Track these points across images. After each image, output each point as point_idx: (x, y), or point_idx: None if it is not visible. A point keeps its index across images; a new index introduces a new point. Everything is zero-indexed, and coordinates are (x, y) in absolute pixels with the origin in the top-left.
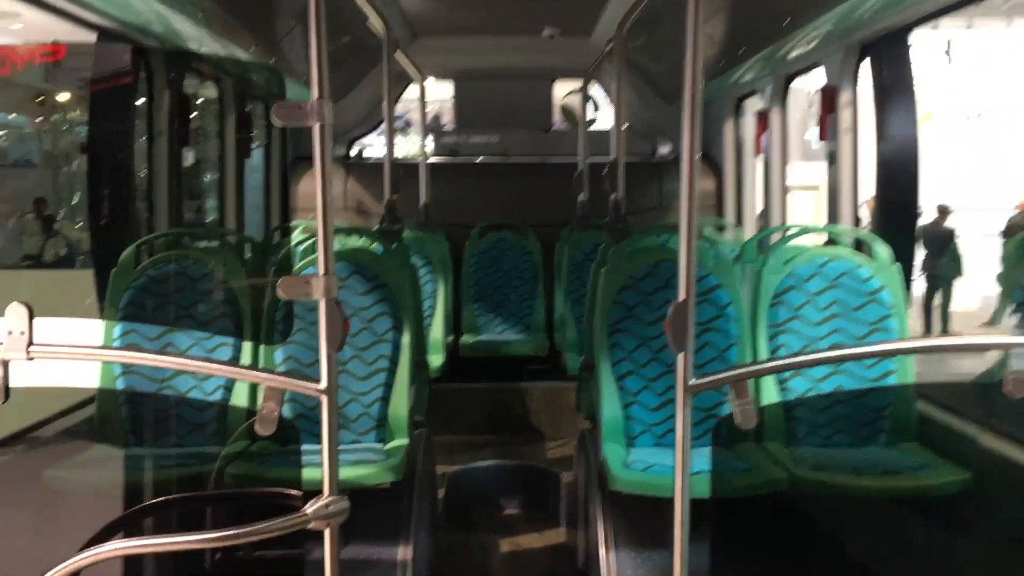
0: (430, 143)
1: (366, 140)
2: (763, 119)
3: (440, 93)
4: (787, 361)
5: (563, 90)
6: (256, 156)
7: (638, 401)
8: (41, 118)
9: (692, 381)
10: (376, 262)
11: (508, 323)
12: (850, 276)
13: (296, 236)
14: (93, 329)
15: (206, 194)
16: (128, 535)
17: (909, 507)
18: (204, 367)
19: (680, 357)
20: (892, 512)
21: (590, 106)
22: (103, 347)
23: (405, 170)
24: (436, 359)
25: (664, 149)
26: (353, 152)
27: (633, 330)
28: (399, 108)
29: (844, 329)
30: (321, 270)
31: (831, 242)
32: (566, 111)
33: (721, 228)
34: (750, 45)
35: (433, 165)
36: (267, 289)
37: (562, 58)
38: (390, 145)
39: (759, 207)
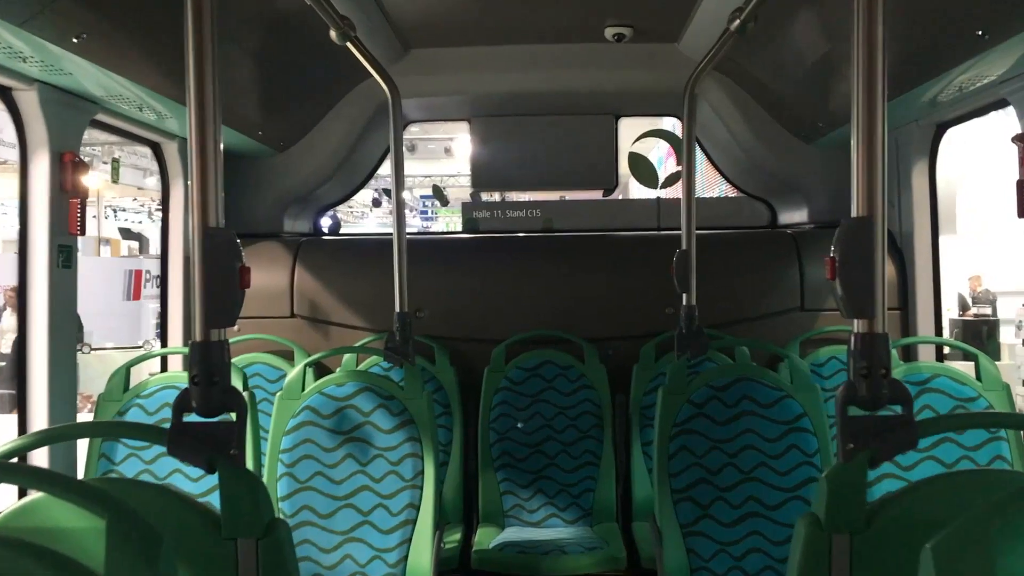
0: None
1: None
2: None
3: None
4: None
5: (631, 132)
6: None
7: None
8: None
9: None
10: None
11: (554, 506)
12: None
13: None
14: None
15: None
16: None
17: None
18: None
19: None
20: None
21: (670, 154)
22: None
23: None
24: None
25: (795, 214)
26: (326, 227)
27: None
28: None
29: None
30: None
31: None
32: (637, 162)
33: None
34: (982, 27)
35: (422, 240)
36: None
37: (632, 77)
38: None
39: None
